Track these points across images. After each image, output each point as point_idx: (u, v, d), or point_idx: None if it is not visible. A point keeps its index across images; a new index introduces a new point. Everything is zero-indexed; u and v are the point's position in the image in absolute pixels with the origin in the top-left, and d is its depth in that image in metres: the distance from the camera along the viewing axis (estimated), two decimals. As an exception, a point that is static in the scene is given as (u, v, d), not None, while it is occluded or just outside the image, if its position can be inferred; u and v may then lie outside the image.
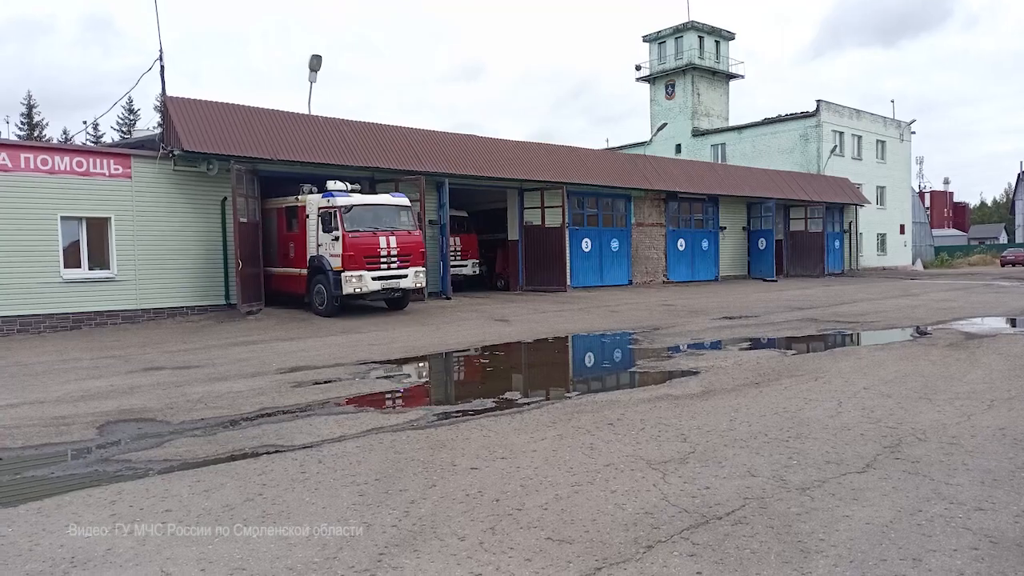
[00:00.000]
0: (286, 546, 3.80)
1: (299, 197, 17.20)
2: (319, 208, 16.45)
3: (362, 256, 16.04)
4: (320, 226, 16.38)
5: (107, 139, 56.83)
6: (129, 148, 17.76)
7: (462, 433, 6.12)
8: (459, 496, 4.51)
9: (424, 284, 17.63)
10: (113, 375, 9.61)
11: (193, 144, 16.48)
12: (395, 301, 17.68)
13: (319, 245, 16.44)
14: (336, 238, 15.94)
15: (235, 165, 16.61)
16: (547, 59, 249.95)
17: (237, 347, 12.19)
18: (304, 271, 17.00)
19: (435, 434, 6.10)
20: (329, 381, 8.82)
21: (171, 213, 16.94)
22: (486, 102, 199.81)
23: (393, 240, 16.56)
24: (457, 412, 7.12)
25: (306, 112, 20.60)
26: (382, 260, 16.39)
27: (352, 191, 16.87)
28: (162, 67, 17.18)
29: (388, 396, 8.17)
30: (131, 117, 60.50)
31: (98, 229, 16.13)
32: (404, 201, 17.31)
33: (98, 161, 16.09)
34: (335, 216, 16.00)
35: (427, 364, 10.71)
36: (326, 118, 20.09)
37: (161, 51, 17.19)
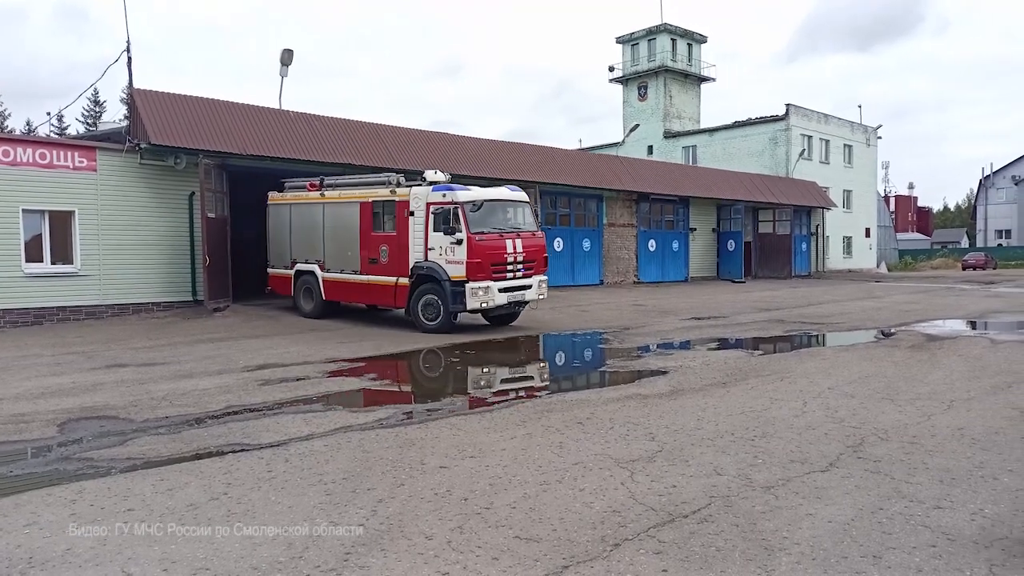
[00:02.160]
0: (251, 545, 3.75)
1: (396, 189, 14.24)
2: (430, 204, 13.48)
3: (489, 264, 13.13)
4: (431, 226, 13.43)
5: (72, 131, 55.67)
6: (95, 140, 17.42)
7: (432, 432, 6.10)
8: (427, 495, 4.50)
9: (546, 295, 14.70)
10: (75, 372, 9.42)
11: (161, 137, 16.21)
12: (503, 316, 14.59)
13: (429, 249, 13.45)
14: (458, 241, 12.96)
15: (204, 159, 16.37)
16: (530, 57, 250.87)
17: (203, 344, 12.03)
18: (401, 280, 13.94)
19: (404, 432, 6.08)
20: (298, 379, 8.73)
21: (137, 207, 16.64)
22: (467, 99, 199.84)
23: (519, 243, 13.72)
24: (427, 410, 7.10)
25: (277, 107, 20.38)
26: (508, 267, 13.49)
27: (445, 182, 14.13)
28: (129, 58, 16.88)
29: (357, 394, 8.11)
30: (97, 109, 59.33)
31: (61, 223, 15.79)
32: (525, 196, 14.63)
33: (62, 153, 15.75)
34: (456, 214, 13.03)
35: (395, 363, 10.66)
36: (297, 113, 19.88)
37: (128, 42, 16.90)
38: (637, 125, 42.66)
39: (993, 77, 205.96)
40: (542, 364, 11.05)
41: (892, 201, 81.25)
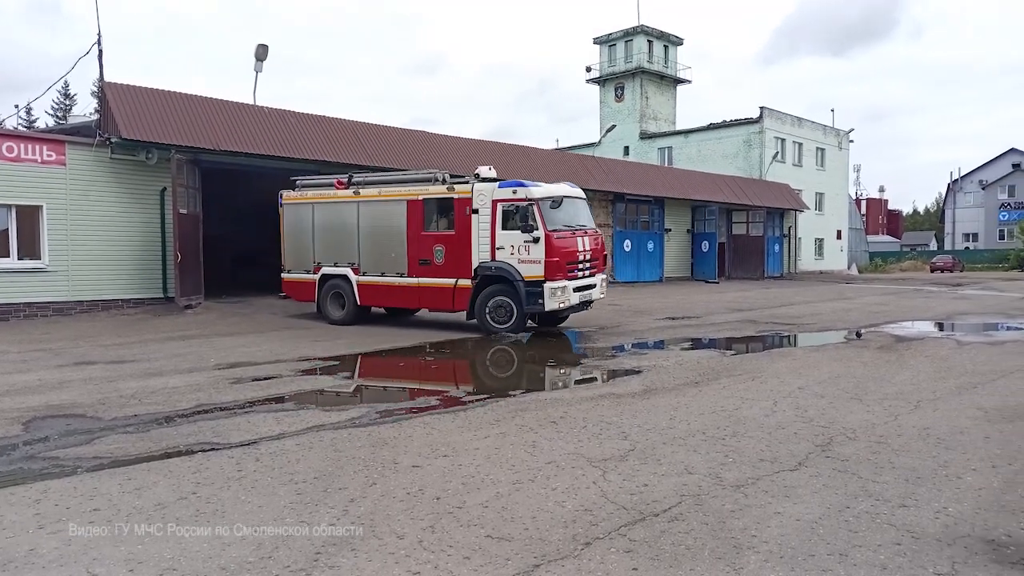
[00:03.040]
0: (220, 545, 3.72)
1: (454, 186, 13.62)
2: (498, 201, 12.97)
3: (565, 263, 12.80)
4: (498, 224, 12.92)
5: (41, 124, 54.66)
6: (64, 134, 17.11)
7: (405, 431, 6.08)
8: (400, 494, 4.48)
9: (605, 294, 14.54)
10: (42, 369, 9.26)
11: (132, 132, 15.97)
12: (549, 317, 13.95)
13: (498, 248, 12.93)
14: (535, 240, 12.53)
15: (176, 155, 16.16)
16: (511, 55, 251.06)
17: (174, 341, 11.88)
18: (461, 281, 13.34)
19: (377, 432, 6.05)
20: (269, 377, 8.66)
21: (107, 202, 16.39)
22: (446, 96, 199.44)
23: (587, 241, 13.49)
24: (400, 409, 7.08)
25: (252, 102, 20.17)
26: (579, 266, 13.21)
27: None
28: (100, 51, 16.61)
29: (330, 393, 8.06)
30: (67, 102, 58.27)
31: (29, 217, 15.49)
32: (583, 193, 14.30)
33: (30, 147, 15.46)
34: (532, 212, 12.63)
35: (368, 361, 10.61)
36: (272, 108, 19.70)
37: (100, 35, 16.62)
38: (614, 126, 42.87)
39: (963, 82, 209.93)
40: (515, 362, 11.05)
41: (863, 204, 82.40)
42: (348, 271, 14.59)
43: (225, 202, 23.44)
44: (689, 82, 50.15)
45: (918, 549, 3.64)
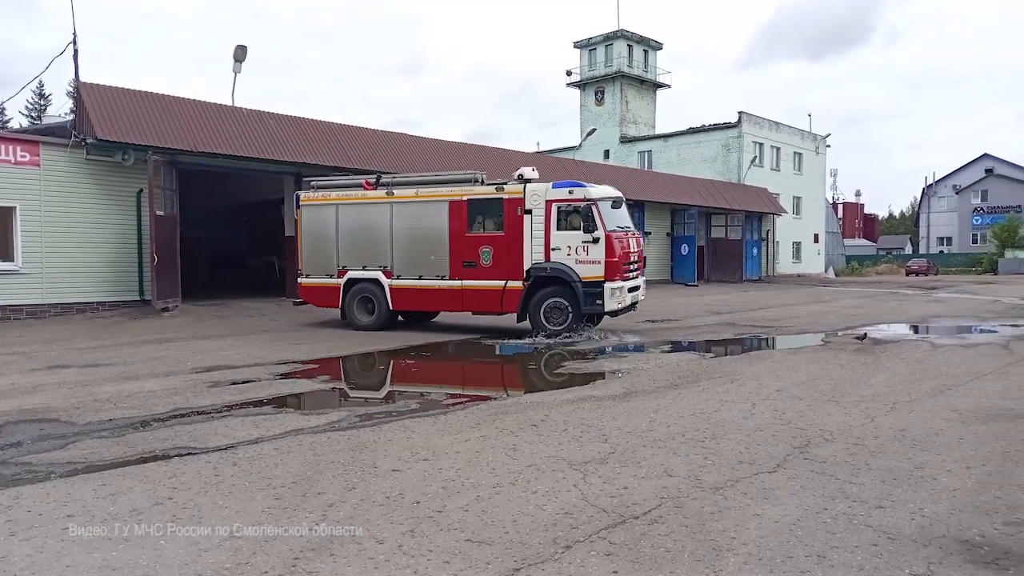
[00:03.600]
0: (196, 551, 3.67)
1: (504, 187, 13.47)
2: (552, 201, 12.95)
3: (622, 263, 12.89)
4: (553, 224, 12.90)
5: (15, 124, 53.82)
6: (38, 135, 16.86)
7: (384, 435, 6.05)
8: (379, 499, 4.46)
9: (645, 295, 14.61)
10: (15, 373, 9.10)
11: (108, 133, 15.78)
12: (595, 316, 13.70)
13: (553, 249, 12.88)
14: (594, 240, 12.55)
15: (152, 156, 16.00)
16: (494, 57, 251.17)
17: (150, 345, 11.74)
18: (511, 283, 13.15)
19: (357, 435, 6.01)
20: (248, 381, 8.58)
21: (83, 204, 16.18)
22: (429, 98, 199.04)
23: (634, 242, 13.63)
24: (380, 413, 7.04)
25: (230, 103, 20.01)
26: (631, 267, 13.34)
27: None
28: (76, 50, 16.41)
29: (309, 396, 8.00)
30: (42, 102, 57.42)
31: (2, 220, 15.26)
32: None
33: (3, 147, 15.23)
34: (592, 212, 12.65)
35: (348, 364, 10.55)
36: (250, 110, 19.55)
37: (75, 34, 16.42)
38: (594, 129, 43.06)
39: (937, 88, 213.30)
40: (496, 365, 11.05)
41: (840, 208, 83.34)
42: (379, 275, 14.08)
43: (203, 204, 23.21)
44: (669, 86, 50.49)
45: (894, 550, 3.68)
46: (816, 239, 49.84)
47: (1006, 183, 70.73)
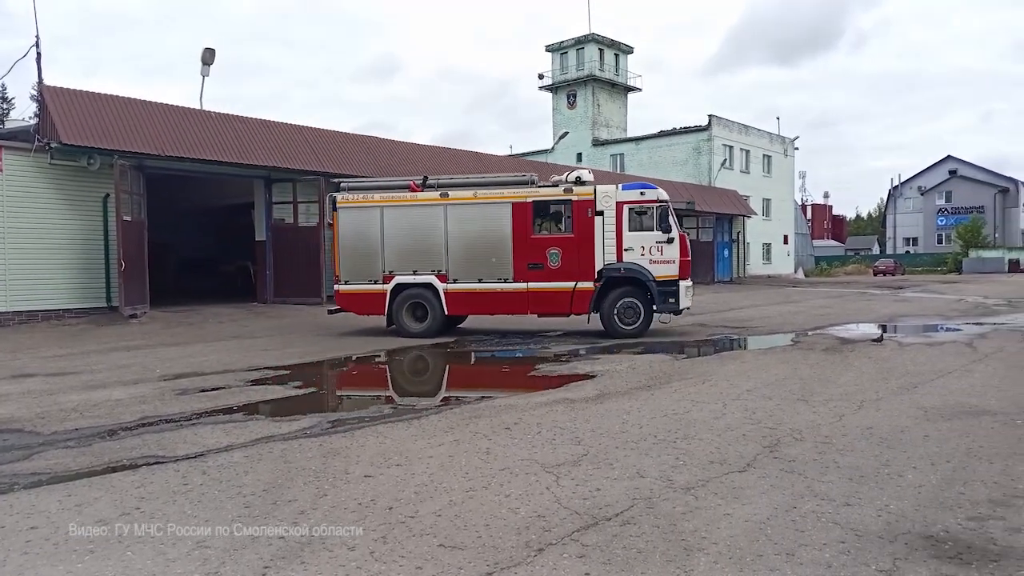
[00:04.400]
0: (164, 561, 3.62)
1: (572, 188, 13.51)
2: (623, 203, 13.21)
3: (689, 263, 13.57)
4: (625, 225, 13.16)
5: (-25, 128, 52.64)
6: (0, 139, 16.53)
7: (357, 440, 6.01)
8: (351, 505, 4.43)
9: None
10: (-24, 383, 8.90)
11: (72, 137, 15.52)
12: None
13: (626, 249, 13.16)
14: (669, 240, 13.04)
15: (119, 160, 15.77)
16: (466, 60, 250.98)
17: (118, 352, 11.55)
18: (581, 284, 13.24)
19: (329, 442, 5.97)
20: (217, 388, 8.48)
21: (47, 209, 15.89)
22: (402, 100, 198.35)
23: (687, 243, 13.97)
24: (353, 418, 6.99)
25: (198, 107, 19.79)
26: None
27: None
28: (38, 53, 16.13)
29: (280, 403, 7.92)
30: (4, 106, 56.35)
31: (-38, 225, 14.94)
32: None
33: (-37, 152, 14.91)
34: (668, 213, 13.18)
35: (320, 370, 10.47)
36: (218, 114, 19.35)
37: (38, 36, 16.13)
38: (566, 133, 43.24)
39: (903, 92, 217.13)
40: (470, 368, 11.03)
41: (809, 209, 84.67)
42: (432, 279, 13.62)
43: (172, 208, 22.91)
44: (640, 90, 50.91)
45: (861, 547, 3.73)
46: (786, 240, 50.53)
47: (969, 184, 72.31)
